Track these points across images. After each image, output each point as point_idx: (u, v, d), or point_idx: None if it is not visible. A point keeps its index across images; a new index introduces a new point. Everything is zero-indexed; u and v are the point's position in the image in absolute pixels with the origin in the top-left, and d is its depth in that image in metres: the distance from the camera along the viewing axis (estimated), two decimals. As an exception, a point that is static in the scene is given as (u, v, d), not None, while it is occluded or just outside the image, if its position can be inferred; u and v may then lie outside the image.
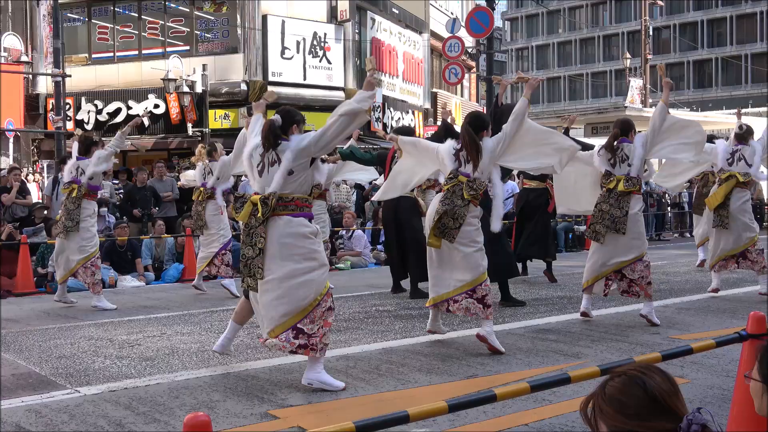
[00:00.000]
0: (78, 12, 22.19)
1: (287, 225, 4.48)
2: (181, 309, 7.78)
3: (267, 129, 4.65)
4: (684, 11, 61.82)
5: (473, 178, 5.47)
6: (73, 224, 7.78)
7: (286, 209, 4.51)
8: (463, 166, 5.54)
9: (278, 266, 4.43)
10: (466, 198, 5.43)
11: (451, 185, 5.50)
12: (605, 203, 6.44)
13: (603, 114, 24.90)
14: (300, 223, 4.53)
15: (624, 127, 6.63)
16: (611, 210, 6.39)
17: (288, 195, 4.52)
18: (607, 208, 6.41)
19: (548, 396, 4.08)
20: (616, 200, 6.39)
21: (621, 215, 6.34)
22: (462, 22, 20.01)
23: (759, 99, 49.82)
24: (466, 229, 5.43)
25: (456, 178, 5.51)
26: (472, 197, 5.44)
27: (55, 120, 15.93)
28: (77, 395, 4.35)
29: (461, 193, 5.44)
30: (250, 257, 4.50)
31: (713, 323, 6.48)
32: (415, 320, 6.82)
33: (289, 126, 4.71)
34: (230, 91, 20.36)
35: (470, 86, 33.23)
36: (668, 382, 1.71)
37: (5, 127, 16.78)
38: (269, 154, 4.60)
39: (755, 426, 2.87)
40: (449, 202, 5.44)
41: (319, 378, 4.44)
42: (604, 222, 6.41)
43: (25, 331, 6.56)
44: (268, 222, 4.48)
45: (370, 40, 23.64)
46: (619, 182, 6.40)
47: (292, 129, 4.71)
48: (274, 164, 4.56)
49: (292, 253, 4.45)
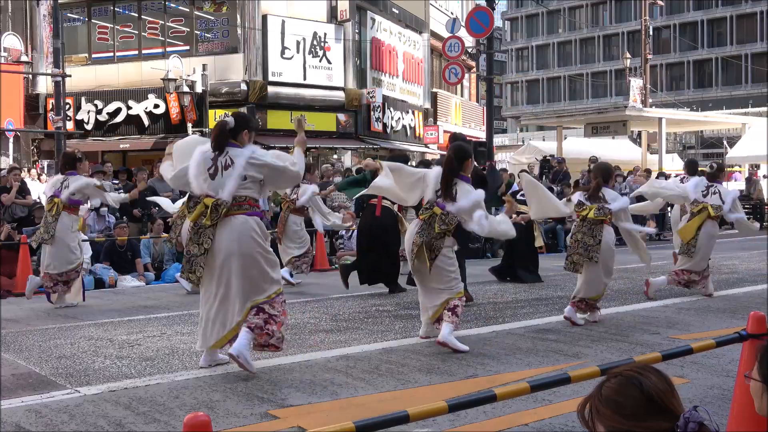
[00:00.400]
0: (78, 12, 22.18)
1: (243, 224, 4.70)
2: (181, 309, 7.78)
3: (218, 131, 4.81)
4: (684, 11, 61.80)
5: (446, 212, 5.50)
6: (48, 237, 7.86)
7: (240, 209, 4.72)
8: (442, 198, 5.57)
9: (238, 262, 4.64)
10: (437, 231, 5.47)
11: (427, 216, 5.55)
12: (579, 232, 6.54)
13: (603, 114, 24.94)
14: (255, 222, 4.77)
15: (605, 176, 6.75)
16: (584, 238, 6.48)
17: (241, 196, 4.72)
18: (580, 237, 6.51)
19: (548, 396, 4.08)
20: (589, 229, 6.48)
21: (594, 243, 6.44)
22: (462, 22, 20.01)
23: (759, 99, 49.80)
24: (441, 259, 5.50)
25: (431, 209, 5.56)
26: (443, 231, 5.49)
27: (55, 120, 15.92)
28: (77, 395, 4.35)
29: (434, 225, 5.49)
30: (195, 255, 4.71)
31: (713, 323, 6.48)
32: (415, 320, 6.82)
33: (241, 131, 4.86)
34: (230, 91, 20.36)
35: (470, 86, 33.24)
36: (664, 381, 1.71)
37: (5, 127, 16.78)
38: (222, 158, 4.75)
39: (755, 426, 2.87)
40: (426, 233, 5.50)
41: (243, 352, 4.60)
42: (578, 251, 6.50)
43: (25, 331, 6.56)
44: (219, 224, 4.68)
45: (370, 40, 23.63)
46: (591, 210, 6.50)
47: (243, 135, 4.86)
48: (228, 167, 4.72)
49: (251, 249, 4.67)
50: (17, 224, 10.74)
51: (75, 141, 20.23)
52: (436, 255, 5.46)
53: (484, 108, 22.29)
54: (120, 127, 21.21)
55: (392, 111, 24.33)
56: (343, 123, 22.00)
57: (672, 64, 62.91)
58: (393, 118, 24.32)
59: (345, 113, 22.12)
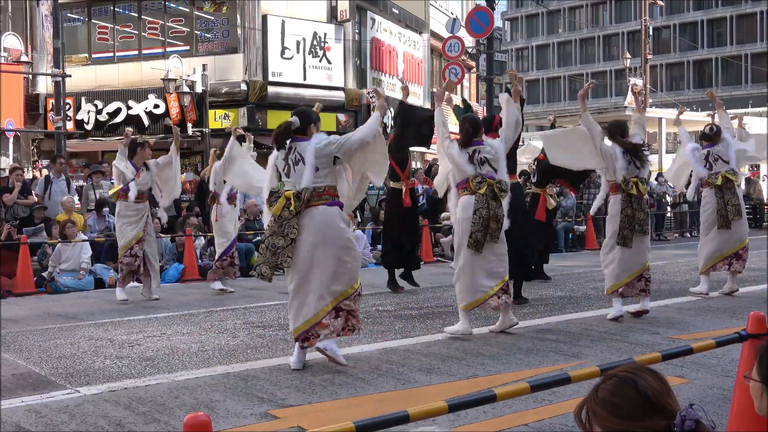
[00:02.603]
0: (78, 12, 22.16)
1: (323, 214, 4.81)
2: (181, 309, 7.78)
3: (281, 131, 4.97)
4: (684, 11, 61.79)
5: (498, 180, 5.87)
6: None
7: (320, 199, 4.84)
8: (479, 168, 5.87)
9: (322, 252, 4.77)
10: (499, 200, 5.83)
11: (484, 189, 5.80)
12: (629, 208, 6.57)
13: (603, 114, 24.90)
14: (337, 211, 4.90)
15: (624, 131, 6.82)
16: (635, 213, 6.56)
17: (320, 187, 4.85)
18: (630, 212, 6.56)
19: (548, 396, 4.08)
20: (638, 203, 6.59)
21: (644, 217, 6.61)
22: (462, 22, 19.99)
23: (759, 99, 49.80)
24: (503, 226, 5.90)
25: (485, 182, 5.82)
26: (504, 197, 5.87)
27: (55, 120, 15.91)
28: (77, 395, 4.35)
29: (494, 195, 5.81)
30: (281, 246, 4.80)
31: (713, 323, 6.48)
32: (415, 320, 6.82)
33: (308, 126, 5.01)
34: (230, 91, 20.35)
35: (470, 86, 33.22)
36: (659, 380, 1.71)
37: (5, 127, 16.75)
38: (291, 155, 4.92)
39: (755, 426, 2.86)
40: (489, 205, 5.77)
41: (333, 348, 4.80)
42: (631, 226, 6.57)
43: (25, 331, 6.57)
44: (302, 214, 4.80)
45: (370, 40, 23.62)
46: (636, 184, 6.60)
47: (311, 128, 5.01)
48: (299, 162, 4.87)
49: (335, 238, 4.80)
50: (18, 223, 10.74)
51: (75, 141, 20.24)
52: (501, 224, 5.84)
53: (484, 108, 22.29)
54: (120, 127, 21.12)
55: (392, 111, 24.29)
56: (343, 123, 21.99)
57: (672, 64, 62.90)
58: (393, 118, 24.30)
59: (345, 113, 22.11)
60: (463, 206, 5.87)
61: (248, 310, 7.61)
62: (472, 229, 5.78)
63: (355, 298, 4.91)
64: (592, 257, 10.10)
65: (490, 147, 5.96)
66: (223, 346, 5.71)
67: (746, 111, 40.01)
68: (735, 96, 56.44)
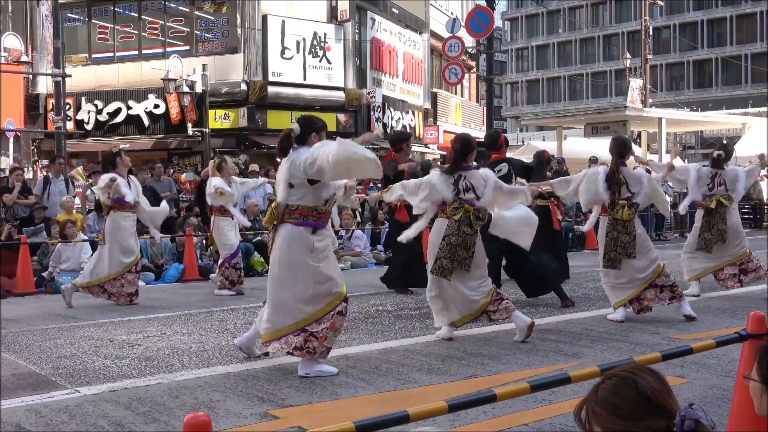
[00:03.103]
0: (78, 12, 22.18)
1: (289, 232, 4.65)
2: (181, 309, 7.78)
3: (281, 139, 4.72)
4: (684, 11, 61.78)
5: (478, 207, 5.66)
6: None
7: (290, 218, 4.66)
8: (462, 194, 5.66)
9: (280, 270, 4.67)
10: (474, 227, 5.64)
11: (459, 215, 5.61)
12: (614, 231, 6.51)
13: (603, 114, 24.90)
14: (299, 232, 4.64)
15: (621, 150, 6.66)
16: (620, 236, 6.49)
17: (293, 204, 4.65)
18: (615, 235, 6.50)
19: (548, 396, 4.08)
20: (623, 227, 6.49)
21: (629, 240, 6.48)
22: (462, 22, 20.01)
23: (759, 99, 49.78)
24: (476, 255, 5.69)
25: (462, 207, 5.62)
26: (480, 226, 5.69)
27: (55, 120, 15.90)
28: (77, 395, 4.35)
29: (469, 222, 5.61)
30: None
31: (713, 323, 6.48)
32: (415, 320, 6.83)
33: (308, 135, 4.71)
34: (230, 91, 20.36)
35: (470, 86, 33.22)
36: (659, 380, 1.71)
37: (5, 127, 16.75)
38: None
39: (755, 426, 2.86)
40: (459, 232, 5.59)
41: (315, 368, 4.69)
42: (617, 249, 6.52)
43: (25, 331, 6.57)
44: (277, 228, 4.70)
45: (370, 40, 23.63)
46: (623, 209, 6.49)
47: (311, 138, 4.69)
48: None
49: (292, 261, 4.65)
50: (18, 223, 10.74)
51: (75, 141, 20.25)
52: (473, 252, 5.68)
53: (484, 108, 22.33)
54: (120, 127, 21.22)
55: (392, 111, 24.32)
56: (343, 123, 21.99)
57: (672, 64, 62.89)
58: (393, 118, 24.31)
59: (345, 113, 22.12)
60: (436, 230, 5.71)
61: (248, 310, 7.61)
62: (438, 254, 5.60)
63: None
64: (592, 257, 10.08)
65: (479, 176, 5.72)
66: (223, 346, 5.70)
67: (746, 111, 40.02)
68: (735, 96, 56.46)
